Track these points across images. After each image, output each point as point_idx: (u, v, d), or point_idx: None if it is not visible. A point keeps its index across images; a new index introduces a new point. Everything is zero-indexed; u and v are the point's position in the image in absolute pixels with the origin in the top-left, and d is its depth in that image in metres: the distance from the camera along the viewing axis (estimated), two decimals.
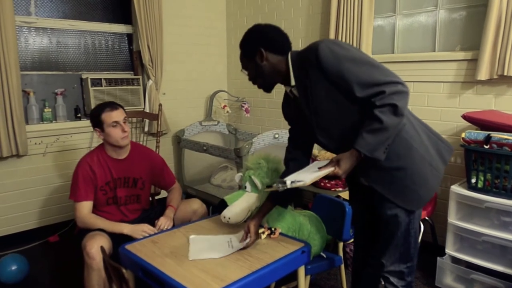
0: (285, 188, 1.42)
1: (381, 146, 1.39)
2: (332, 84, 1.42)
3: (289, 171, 1.71)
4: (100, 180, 2.19)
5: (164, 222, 2.15)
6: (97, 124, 2.18)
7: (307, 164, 1.71)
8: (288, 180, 1.41)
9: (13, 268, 2.49)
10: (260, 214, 1.80)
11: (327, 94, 1.45)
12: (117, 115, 2.18)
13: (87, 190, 2.15)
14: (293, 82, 1.55)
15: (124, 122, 2.20)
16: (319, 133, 1.56)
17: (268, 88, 1.64)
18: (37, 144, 3.12)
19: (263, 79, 1.60)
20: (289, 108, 1.72)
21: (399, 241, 1.57)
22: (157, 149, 3.40)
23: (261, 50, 1.53)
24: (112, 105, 2.21)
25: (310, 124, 1.57)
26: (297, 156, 1.76)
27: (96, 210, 2.21)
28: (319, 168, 1.47)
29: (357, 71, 1.37)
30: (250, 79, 1.63)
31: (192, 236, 1.87)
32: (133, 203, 2.33)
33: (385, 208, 1.55)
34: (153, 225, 2.12)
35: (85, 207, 2.14)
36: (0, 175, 2.97)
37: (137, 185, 2.32)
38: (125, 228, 2.06)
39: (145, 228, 2.06)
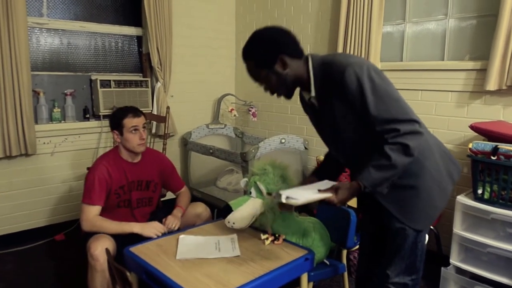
0: (279, 201, 1.44)
1: (385, 182, 1.40)
2: (350, 108, 1.41)
3: (323, 166, 1.81)
4: (115, 184, 2.19)
5: (172, 220, 2.16)
6: (117, 126, 2.19)
7: (337, 168, 1.77)
8: (284, 194, 1.43)
9: None
10: (309, 180, 1.76)
11: (344, 116, 1.44)
12: (138, 121, 2.20)
13: (101, 194, 2.14)
14: (313, 93, 1.50)
15: (143, 130, 2.22)
16: (333, 146, 1.58)
17: (289, 96, 1.56)
18: (46, 143, 3.15)
19: (285, 88, 1.52)
20: (307, 109, 1.69)
21: (405, 253, 1.56)
22: (164, 151, 3.42)
23: (282, 57, 1.44)
24: (135, 111, 2.22)
25: (326, 134, 1.59)
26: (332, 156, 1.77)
27: (105, 213, 2.17)
28: (319, 190, 1.48)
29: (377, 105, 1.35)
30: (268, 89, 1.53)
31: (181, 236, 1.90)
32: (145, 206, 2.35)
33: (393, 221, 1.54)
34: (162, 223, 2.14)
35: (93, 211, 2.12)
36: (9, 173, 3.01)
37: (149, 187, 2.33)
38: (135, 227, 2.05)
39: (155, 225, 2.07)
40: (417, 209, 1.50)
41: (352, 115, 1.42)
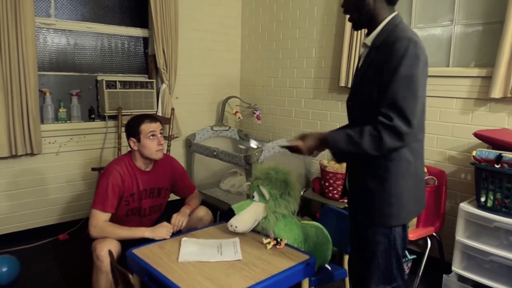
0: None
1: (345, 152, 1.43)
2: (378, 76, 1.39)
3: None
4: (127, 191, 2.17)
5: (178, 218, 2.14)
6: (134, 134, 2.16)
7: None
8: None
9: (3, 270, 2.44)
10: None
11: (370, 79, 1.42)
12: (155, 126, 2.18)
13: (113, 201, 2.10)
14: (368, 41, 1.48)
15: (160, 135, 2.20)
16: (349, 96, 1.58)
17: (357, 26, 1.56)
18: (51, 143, 3.18)
19: (358, 14, 1.50)
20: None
21: (379, 261, 1.51)
22: (168, 152, 3.45)
23: None
24: (151, 117, 2.21)
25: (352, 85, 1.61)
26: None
27: (114, 220, 2.12)
28: (288, 141, 1.57)
29: (398, 89, 1.33)
30: (344, 5, 1.53)
31: (184, 239, 1.91)
32: (156, 213, 2.34)
33: (362, 228, 1.53)
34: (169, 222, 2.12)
35: (104, 217, 2.07)
36: (14, 172, 3.04)
37: (160, 195, 2.32)
38: (146, 232, 2.01)
39: (165, 225, 2.04)
40: (383, 205, 1.46)
41: (375, 84, 1.40)
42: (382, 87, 1.37)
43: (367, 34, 1.51)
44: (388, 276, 1.53)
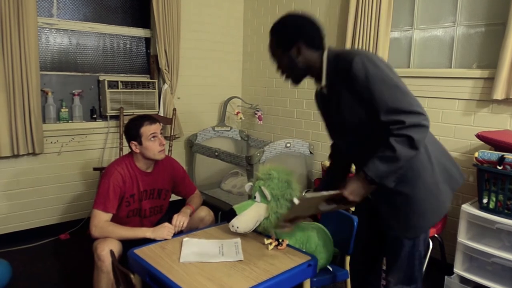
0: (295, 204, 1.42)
1: (391, 175, 1.39)
2: (357, 98, 1.41)
3: (331, 170, 1.83)
4: (127, 192, 2.17)
5: (179, 219, 2.13)
6: (135, 137, 2.15)
7: (344, 168, 1.80)
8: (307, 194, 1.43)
9: None
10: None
11: (351, 105, 1.44)
12: (155, 128, 2.17)
13: (114, 202, 2.10)
14: (323, 82, 1.51)
15: (161, 136, 2.20)
16: (340, 139, 1.59)
17: (297, 81, 1.59)
18: (53, 143, 3.18)
19: (294, 73, 1.55)
20: (319, 102, 1.70)
21: (403, 263, 1.55)
22: (170, 152, 3.45)
23: (298, 45, 1.48)
24: (151, 119, 2.20)
25: (334, 127, 1.61)
26: (339, 154, 1.80)
27: (115, 221, 2.12)
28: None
29: (385, 94, 1.35)
30: (278, 68, 1.58)
31: (185, 239, 1.91)
32: (156, 214, 2.34)
33: (390, 228, 1.56)
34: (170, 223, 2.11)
35: (105, 217, 2.07)
36: (16, 172, 3.04)
37: (161, 196, 2.32)
38: (147, 232, 2.01)
39: (166, 225, 2.03)
40: (406, 217, 1.50)
41: (359, 106, 1.42)
42: (368, 105, 1.38)
43: (317, 80, 1.55)
44: (409, 277, 1.56)
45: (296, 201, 1.42)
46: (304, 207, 1.47)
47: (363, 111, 1.42)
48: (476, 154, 2.16)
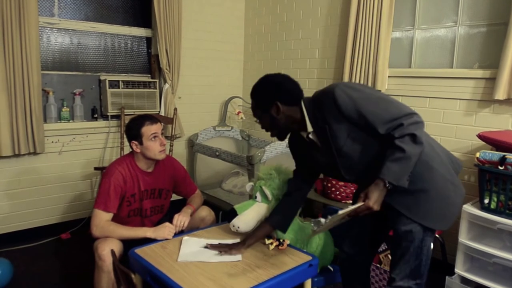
0: (321, 226, 1.42)
1: (405, 174, 1.43)
2: (352, 124, 1.48)
3: (290, 199, 1.85)
4: (128, 192, 2.16)
5: (180, 218, 2.12)
6: (136, 137, 2.15)
7: (307, 193, 1.88)
8: (322, 219, 1.42)
9: None
10: (254, 239, 1.82)
11: (349, 134, 1.50)
12: (156, 128, 2.17)
13: (115, 201, 2.10)
14: (310, 128, 1.58)
15: (162, 136, 2.20)
16: (344, 171, 1.60)
17: (283, 137, 1.69)
18: (54, 142, 3.18)
19: (278, 130, 1.65)
20: (298, 149, 1.80)
21: (411, 257, 1.57)
22: (170, 152, 3.45)
23: (277, 104, 1.58)
24: (152, 118, 2.19)
25: (327, 165, 1.63)
26: (302, 187, 1.86)
27: (115, 221, 2.12)
28: (349, 207, 1.46)
29: (375, 111, 1.44)
30: (263, 127, 1.69)
31: (185, 238, 1.91)
32: (157, 214, 2.34)
33: (400, 223, 1.56)
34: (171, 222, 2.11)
35: (106, 217, 2.07)
36: (17, 171, 3.04)
37: (161, 195, 2.32)
38: (148, 232, 2.01)
39: (167, 225, 2.03)
40: (434, 211, 1.53)
41: (356, 130, 1.49)
42: (364, 126, 1.47)
43: (302, 130, 1.62)
44: (416, 272, 1.59)
45: (322, 221, 1.42)
46: (329, 225, 1.47)
47: (362, 132, 1.49)
48: (478, 155, 2.16)
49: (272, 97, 1.59)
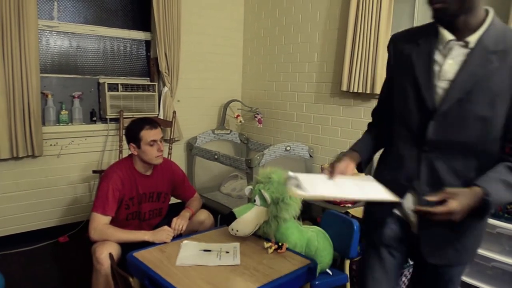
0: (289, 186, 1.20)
1: (505, 203, 1.30)
2: (506, 92, 1.13)
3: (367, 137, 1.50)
4: (127, 195, 2.16)
5: (178, 222, 2.12)
6: (134, 140, 2.15)
7: (376, 145, 1.47)
8: (292, 181, 1.20)
9: None
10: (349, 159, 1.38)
11: (495, 103, 1.12)
12: (155, 134, 2.17)
13: (113, 205, 2.10)
14: (474, 38, 1.16)
15: (161, 141, 2.20)
16: (435, 126, 1.19)
17: (445, 16, 1.21)
18: (52, 145, 3.17)
19: (448, 4, 1.17)
20: (405, 64, 1.36)
21: None
22: (169, 155, 3.44)
23: None
24: (152, 123, 2.19)
25: (423, 108, 1.22)
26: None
27: (114, 224, 2.12)
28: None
29: None
30: None
31: (185, 242, 1.91)
32: (155, 217, 2.34)
33: (445, 274, 1.35)
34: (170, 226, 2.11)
35: (104, 220, 2.07)
36: (15, 174, 3.03)
37: (160, 199, 2.32)
38: (146, 235, 2.00)
39: (165, 229, 2.03)
40: (479, 244, 1.34)
41: (504, 110, 1.13)
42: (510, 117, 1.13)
43: (455, 31, 1.20)
44: None
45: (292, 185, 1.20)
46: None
47: (500, 119, 1.14)
48: None
49: None
